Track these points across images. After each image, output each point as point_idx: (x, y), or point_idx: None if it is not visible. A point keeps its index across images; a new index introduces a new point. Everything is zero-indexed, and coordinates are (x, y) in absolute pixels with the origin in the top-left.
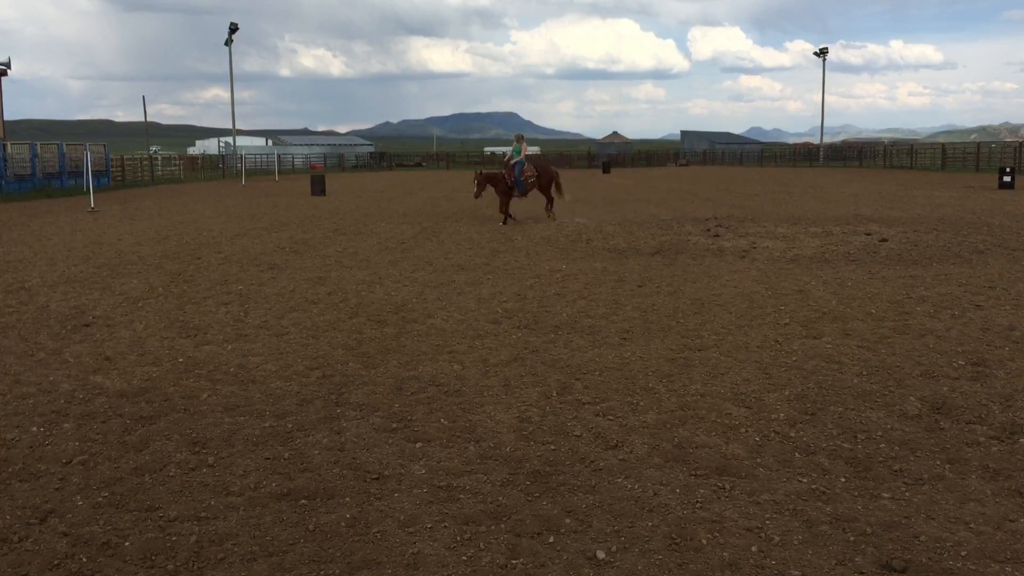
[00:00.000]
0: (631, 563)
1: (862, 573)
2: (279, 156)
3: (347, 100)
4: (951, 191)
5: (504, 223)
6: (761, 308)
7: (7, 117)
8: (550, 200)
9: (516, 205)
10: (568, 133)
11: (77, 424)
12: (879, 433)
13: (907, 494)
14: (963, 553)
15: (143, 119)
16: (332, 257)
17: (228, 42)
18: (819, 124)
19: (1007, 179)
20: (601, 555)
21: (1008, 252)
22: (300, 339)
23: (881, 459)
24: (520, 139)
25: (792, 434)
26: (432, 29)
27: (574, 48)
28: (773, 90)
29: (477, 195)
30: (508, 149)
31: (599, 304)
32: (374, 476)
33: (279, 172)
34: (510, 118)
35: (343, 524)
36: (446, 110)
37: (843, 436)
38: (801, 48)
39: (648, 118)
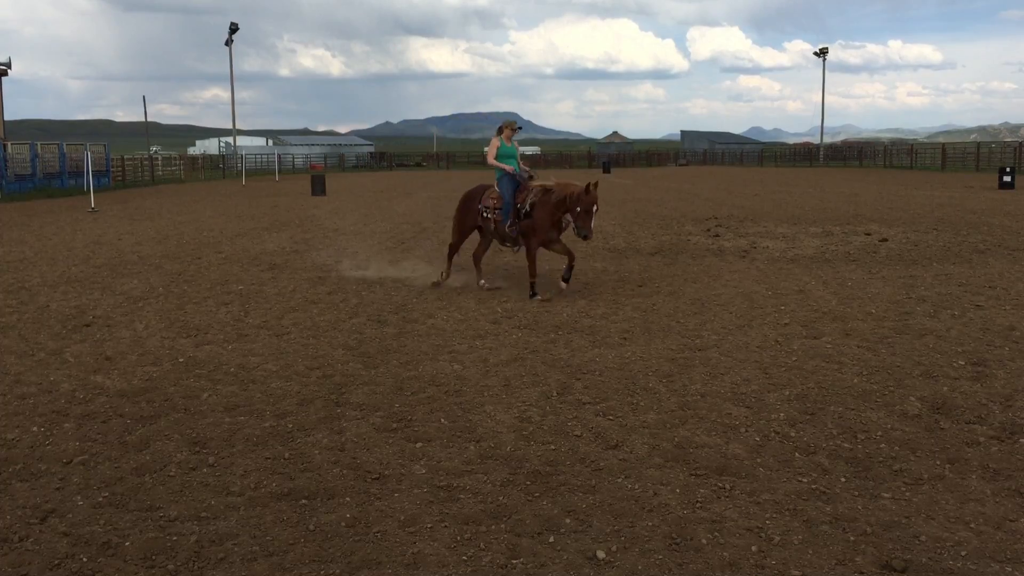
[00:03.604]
0: (631, 563)
1: (862, 573)
2: (279, 156)
3: (347, 100)
4: (951, 191)
5: (483, 282)
6: (761, 308)
7: (7, 117)
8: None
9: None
10: (568, 133)
11: (77, 424)
12: (879, 433)
13: (907, 494)
14: (963, 553)
15: (143, 119)
16: (332, 257)
17: (228, 42)
18: (819, 124)
19: (1007, 179)
20: (601, 555)
21: (1008, 252)
22: (300, 339)
23: (881, 459)
24: (511, 128)
25: (792, 434)
26: (431, 29)
27: (573, 48)
28: (772, 90)
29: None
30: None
31: (599, 304)
32: (374, 476)
33: (279, 172)
34: (510, 118)
35: (343, 524)
36: (446, 110)
37: (843, 436)
38: (800, 48)
39: (648, 118)
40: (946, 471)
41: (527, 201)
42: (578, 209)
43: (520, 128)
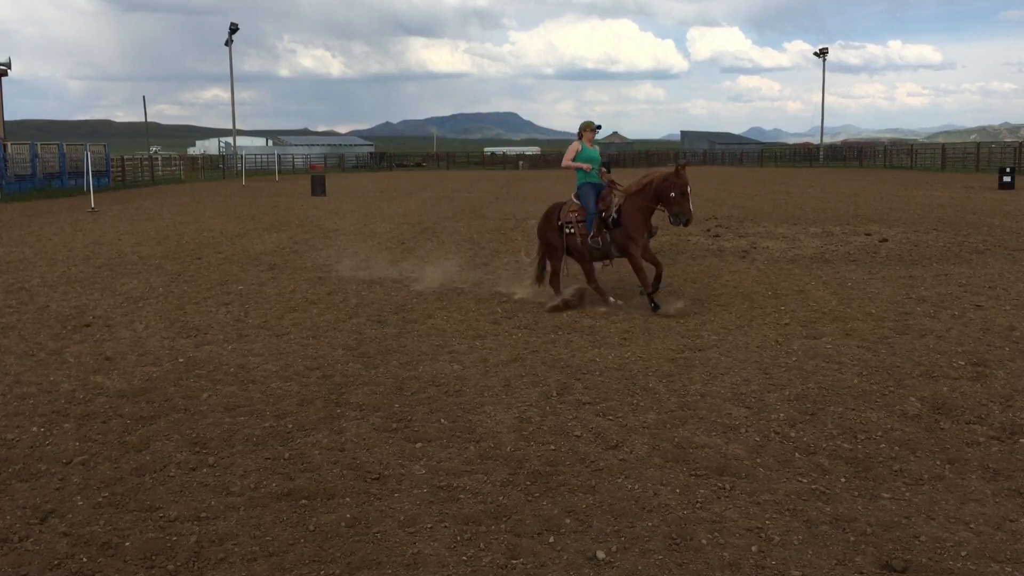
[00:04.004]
0: (631, 563)
1: (862, 573)
2: (279, 156)
3: (347, 100)
4: (951, 191)
5: (604, 299)
6: (761, 308)
7: (7, 117)
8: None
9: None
10: (568, 133)
11: (77, 424)
12: (879, 433)
13: (907, 494)
14: (963, 553)
15: (143, 119)
16: (332, 257)
17: (228, 42)
18: (819, 124)
19: (1007, 179)
20: (601, 555)
21: (1008, 252)
22: (300, 339)
23: (881, 459)
24: (591, 130)
25: (792, 434)
26: (430, 29)
27: (573, 48)
28: (772, 90)
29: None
30: (536, 149)
31: (599, 304)
32: (374, 476)
33: (279, 172)
34: (510, 118)
35: (343, 524)
36: (446, 110)
37: (843, 436)
38: (800, 48)
39: (648, 118)
40: (946, 471)
41: (611, 207)
42: (672, 194)
43: (600, 127)
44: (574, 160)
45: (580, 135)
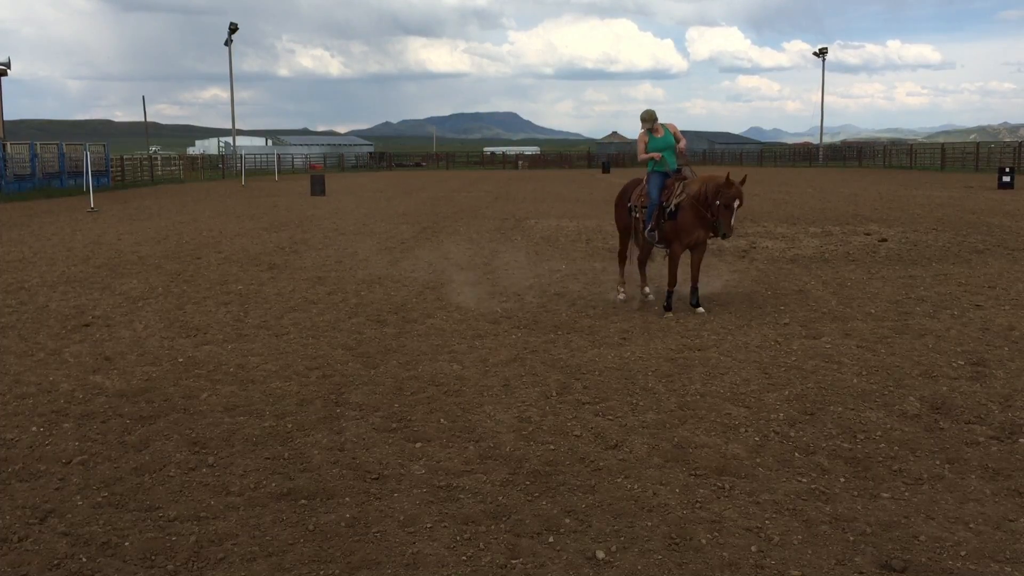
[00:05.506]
0: (631, 563)
1: (862, 573)
2: (279, 156)
3: (346, 100)
4: (951, 191)
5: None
6: (761, 308)
7: (7, 117)
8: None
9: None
10: (567, 133)
11: (77, 424)
12: (879, 433)
13: (907, 494)
14: (963, 553)
15: (143, 119)
16: (332, 257)
17: (228, 42)
18: (818, 124)
19: (1007, 179)
20: (601, 555)
21: (1008, 252)
22: (300, 339)
23: (881, 459)
24: (652, 119)
25: (792, 434)
26: (430, 29)
27: (572, 48)
28: (772, 90)
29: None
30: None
31: (599, 304)
32: (374, 476)
33: (279, 172)
34: (509, 118)
35: (343, 524)
36: (445, 110)
37: (843, 436)
38: (799, 48)
39: None
40: (946, 471)
41: (672, 200)
42: (717, 203)
43: (649, 118)
44: (647, 150)
45: (649, 123)
